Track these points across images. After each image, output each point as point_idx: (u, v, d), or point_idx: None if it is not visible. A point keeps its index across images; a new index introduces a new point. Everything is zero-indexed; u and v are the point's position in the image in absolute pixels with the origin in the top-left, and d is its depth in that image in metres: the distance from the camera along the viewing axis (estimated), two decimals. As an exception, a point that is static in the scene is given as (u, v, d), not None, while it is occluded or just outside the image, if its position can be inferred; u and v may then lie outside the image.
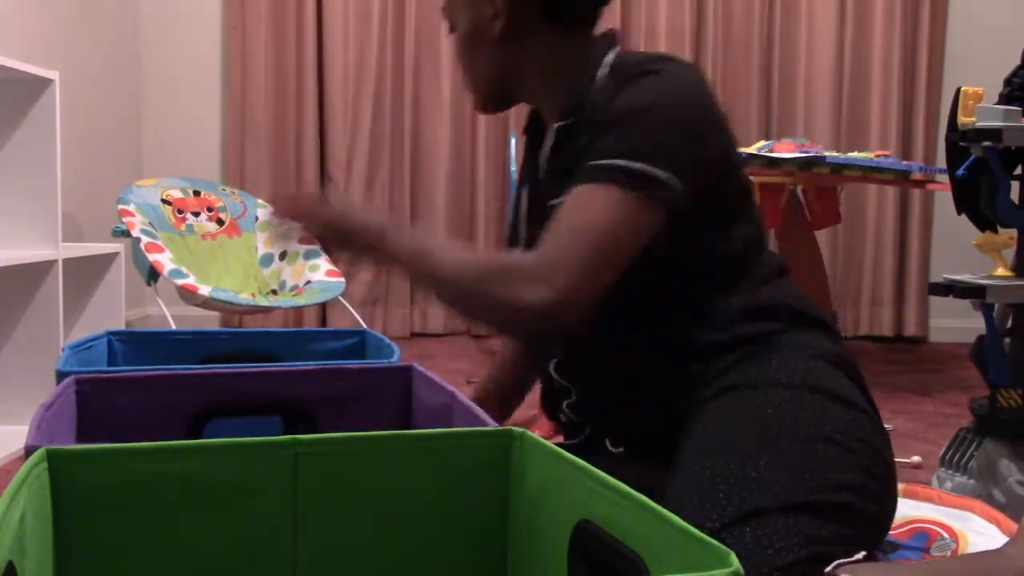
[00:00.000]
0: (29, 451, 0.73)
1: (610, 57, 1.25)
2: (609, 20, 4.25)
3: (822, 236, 4.26)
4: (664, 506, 0.98)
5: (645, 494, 0.65)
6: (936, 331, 4.35)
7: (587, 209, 1.09)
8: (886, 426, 1.22)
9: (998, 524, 1.45)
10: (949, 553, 1.38)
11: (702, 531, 0.59)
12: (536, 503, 0.77)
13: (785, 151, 3.09)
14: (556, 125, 1.25)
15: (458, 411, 0.98)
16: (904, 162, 3.37)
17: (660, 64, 1.18)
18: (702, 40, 4.25)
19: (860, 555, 0.99)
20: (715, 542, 0.56)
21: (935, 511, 1.53)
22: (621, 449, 1.26)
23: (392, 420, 1.13)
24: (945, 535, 1.43)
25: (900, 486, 1.66)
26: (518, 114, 4.29)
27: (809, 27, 4.24)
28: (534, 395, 3.08)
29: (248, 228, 3.37)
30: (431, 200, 4.25)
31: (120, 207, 3.01)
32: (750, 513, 1.00)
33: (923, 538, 1.44)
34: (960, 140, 1.81)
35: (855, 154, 3.20)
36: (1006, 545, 1.00)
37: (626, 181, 1.08)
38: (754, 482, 1.03)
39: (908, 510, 1.53)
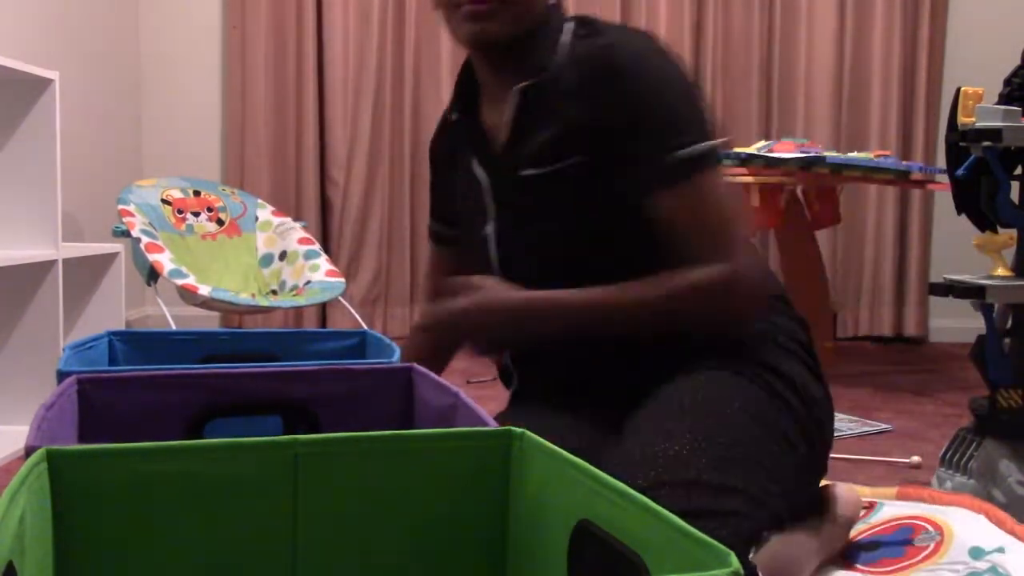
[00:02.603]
0: (29, 451, 0.73)
1: (571, 24, 1.27)
2: (610, 19, 4.25)
3: (822, 236, 4.26)
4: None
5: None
6: (936, 331, 4.35)
7: (704, 202, 1.17)
8: (886, 426, 1.23)
9: (986, 514, 1.44)
10: (933, 544, 1.38)
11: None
12: (536, 503, 0.77)
13: (785, 151, 3.09)
14: (519, 86, 1.24)
15: (462, 412, 0.98)
16: (904, 162, 3.37)
17: (626, 39, 1.21)
18: (702, 40, 4.25)
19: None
20: (715, 542, 0.56)
21: (923, 508, 1.53)
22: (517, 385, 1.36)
23: (393, 420, 1.13)
24: (929, 528, 1.43)
25: (892, 490, 1.65)
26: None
27: (809, 27, 4.24)
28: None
29: (248, 228, 3.37)
30: (431, 200, 4.25)
31: (120, 207, 3.01)
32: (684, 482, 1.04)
33: (906, 531, 1.43)
34: (960, 140, 1.81)
35: (855, 154, 3.20)
36: None
37: (709, 163, 1.17)
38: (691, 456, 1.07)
39: (896, 510, 1.53)
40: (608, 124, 1.19)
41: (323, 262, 3.22)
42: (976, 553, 1.32)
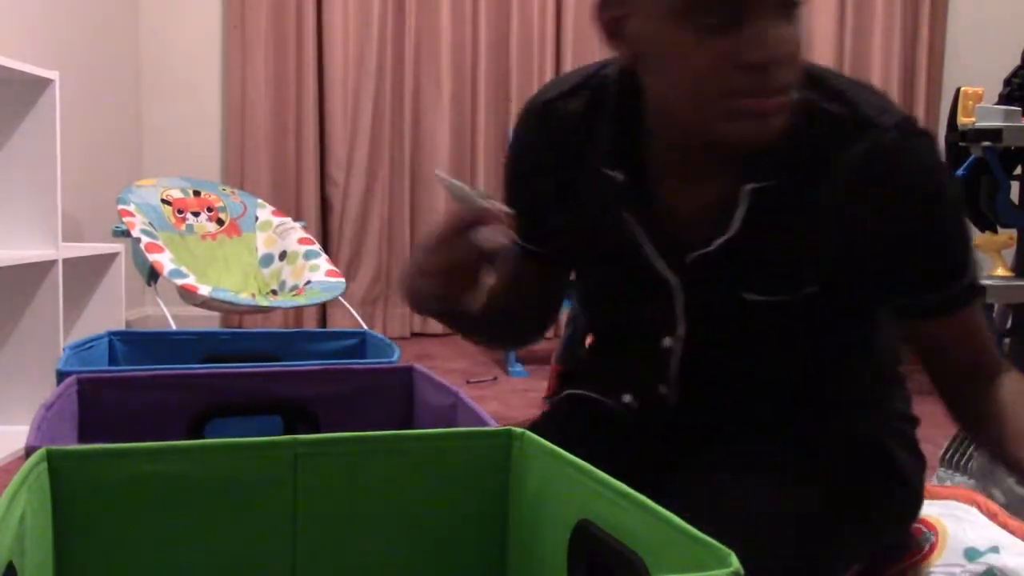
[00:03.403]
0: (29, 451, 0.73)
1: (802, 88, 0.97)
2: (609, 20, 4.26)
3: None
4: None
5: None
6: (936, 331, 4.35)
7: (979, 331, 1.05)
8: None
9: (978, 506, 1.45)
10: (928, 547, 1.38)
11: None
12: (536, 503, 0.77)
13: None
14: (750, 186, 0.95)
15: (462, 412, 0.98)
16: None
17: (904, 137, 0.95)
18: (702, 40, 4.26)
19: None
20: (715, 542, 0.56)
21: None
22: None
23: (393, 420, 1.13)
24: (925, 529, 1.43)
25: None
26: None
27: (808, 27, 4.24)
28: (536, 393, 3.08)
29: (248, 228, 3.37)
30: (431, 200, 4.25)
31: (120, 207, 3.01)
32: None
33: None
34: (960, 140, 1.81)
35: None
36: None
37: (974, 296, 1.05)
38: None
39: None
40: (878, 245, 0.97)
41: (323, 262, 3.22)
42: (971, 555, 1.32)
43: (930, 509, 1.50)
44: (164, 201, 3.19)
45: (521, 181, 1.13)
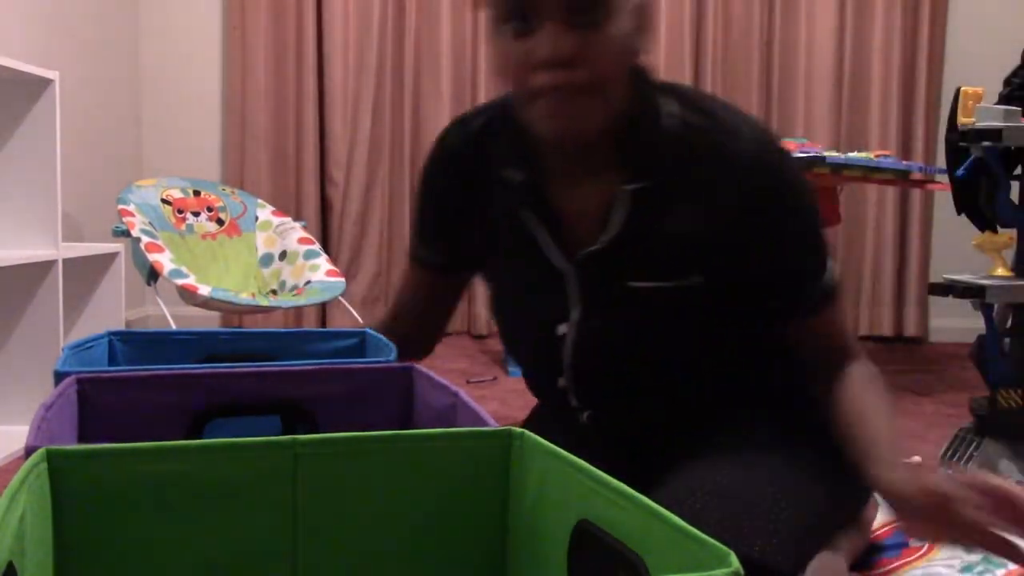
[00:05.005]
0: (29, 451, 0.73)
1: (671, 104, 1.10)
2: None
3: (822, 236, 4.24)
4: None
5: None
6: (936, 331, 4.35)
7: (843, 316, 1.19)
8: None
9: None
10: (925, 545, 1.39)
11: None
12: (536, 503, 0.77)
13: (785, 151, 3.08)
14: (631, 187, 1.09)
15: (462, 412, 0.98)
16: (904, 162, 3.37)
17: (757, 140, 1.08)
18: (702, 41, 4.25)
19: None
20: (715, 542, 0.56)
21: None
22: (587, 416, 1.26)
23: (393, 420, 1.13)
24: None
25: None
26: (518, 114, 4.28)
27: (809, 27, 4.24)
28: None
29: (248, 228, 3.37)
30: (431, 200, 4.25)
31: (120, 207, 3.01)
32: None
33: (901, 534, 1.44)
34: (960, 140, 1.81)
35: (855, 154, 3.20)
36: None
37: (836, 295, 1.17)
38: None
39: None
40: (745, 242, 1.10)
41: (323, 262, 3.22)
42: (969, 547, 1.33)
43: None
44: (164, 201, 3.19)
45: (433, 195, 1.29)
